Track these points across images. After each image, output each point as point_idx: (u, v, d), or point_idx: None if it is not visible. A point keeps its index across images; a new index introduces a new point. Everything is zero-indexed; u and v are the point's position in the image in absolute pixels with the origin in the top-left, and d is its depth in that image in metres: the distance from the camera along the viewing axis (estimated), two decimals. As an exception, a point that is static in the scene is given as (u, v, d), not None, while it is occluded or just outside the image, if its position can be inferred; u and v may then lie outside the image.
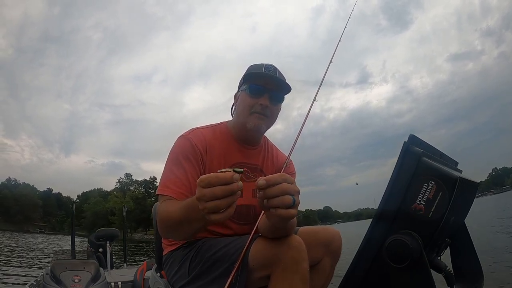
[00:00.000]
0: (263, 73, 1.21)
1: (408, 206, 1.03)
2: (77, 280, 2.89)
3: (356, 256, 1.11)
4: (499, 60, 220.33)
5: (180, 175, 1.12)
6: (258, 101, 1.21)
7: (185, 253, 1.19)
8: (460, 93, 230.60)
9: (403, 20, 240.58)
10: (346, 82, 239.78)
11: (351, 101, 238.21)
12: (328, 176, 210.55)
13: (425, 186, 1.02)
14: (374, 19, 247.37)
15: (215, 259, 1.10)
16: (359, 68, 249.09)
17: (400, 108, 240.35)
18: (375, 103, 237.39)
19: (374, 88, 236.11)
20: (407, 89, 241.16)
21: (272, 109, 1.23)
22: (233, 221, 1.25)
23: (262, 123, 1.23)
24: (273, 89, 1.22)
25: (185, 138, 1.21)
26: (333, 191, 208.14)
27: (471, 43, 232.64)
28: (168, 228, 1.02)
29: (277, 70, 1.24)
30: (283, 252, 0.98)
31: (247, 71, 1.27)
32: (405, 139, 1.08)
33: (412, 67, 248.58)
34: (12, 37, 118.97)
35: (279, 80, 1.22)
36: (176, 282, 1.19)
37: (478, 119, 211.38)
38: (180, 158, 1.16)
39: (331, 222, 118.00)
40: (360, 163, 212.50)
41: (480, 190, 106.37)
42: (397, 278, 1.02)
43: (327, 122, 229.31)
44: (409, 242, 0.98)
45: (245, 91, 1.24)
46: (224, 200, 0.73)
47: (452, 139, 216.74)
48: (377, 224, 1.09)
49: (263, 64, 1.25)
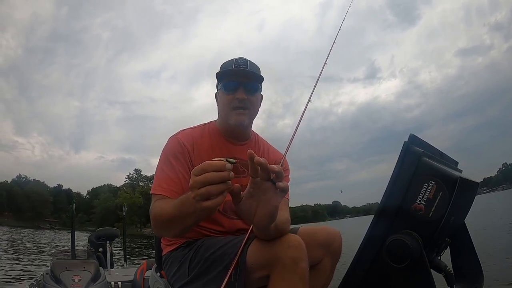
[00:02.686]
0: (233, 69, 1.24)
1: (408, 206, 1.03)
2: (77, 279, 2.88)
3: (356, 256, 1.11)
4: (508, 54, 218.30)
5: (170, 174, 1.15)
6: (234, 96, 1.23)
7: (184, 253, 1.19)
8: (469, 87, 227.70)
9: (411, 15, 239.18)
10: (354, 77, 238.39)
11: (359, 96, 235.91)
12: (337, 171, 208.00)
13: (425, 186, 1.01)
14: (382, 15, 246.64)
15: (214, 258, 1.10)
16: (367, 63, 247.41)
17: (409, 102, 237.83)
18: (383, 98, 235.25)
19: (383, 83, 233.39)
20: (416, 84, 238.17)
21: (250, 99, 1.25)
22: (225, 216, 1.26)
23: (244, 118, 1.25)
24: (246, 81, 1.24)
25: (173, 138, 1.25)
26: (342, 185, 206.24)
27: (479, 38, 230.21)
28: (162, 224, 1.03)
29: (247, 62, 1.26)
30: (282, 252, 0.98)
31: (220, 67, 1.29)
32: (405, 139, 1.08)
33: (420, 62, 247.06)
34: (21, 37, 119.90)
35: (249, 72, 1.24)
36: (176, 282, 1.19)
37: (487, 114, 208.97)
38: (170, 158, 1.19)
39: (340, 217, 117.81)
40: (370, 158, 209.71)
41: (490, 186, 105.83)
42: (397, 278, 1.02)
43: (336, 116, 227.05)
44: (409, 242, 0.98)
45: (221, 90, 1.27)
46: (216, 186, 0.74)
47: (462, 134, 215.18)
48: (377, 224, 1.08)
49: (233, 59, 1.27)
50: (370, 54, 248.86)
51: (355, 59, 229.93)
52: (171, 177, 1.15)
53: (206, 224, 1.23)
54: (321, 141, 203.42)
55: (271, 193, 0.83)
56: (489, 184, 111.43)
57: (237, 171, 1.27)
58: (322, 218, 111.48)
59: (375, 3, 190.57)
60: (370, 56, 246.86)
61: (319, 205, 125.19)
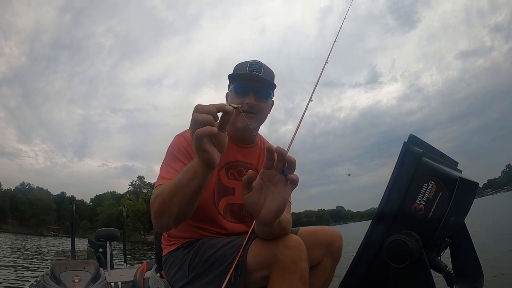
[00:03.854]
0: (246, 73, 1.21)
1: (408, 206, 1.03)
2: (77, 280, 2.88)
3: (356, 256, 1.11)
4: (509, 55, 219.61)
5: (177, 167, 1.11)
6: (244, 100, 1.21)
7: (184, 254, 1.19)
8: (471, 90, 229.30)
9: (411, 19, 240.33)
10: (355, 82, 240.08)
11: (361, 101, 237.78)
12: (340, 176, 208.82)
13: (425, 186, 1.01)
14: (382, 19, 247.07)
15: (214, 259, 1.10)
16: (368, 68, 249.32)
17: (411, 106, 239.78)
18: (385, 102, 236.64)
19: (384, 87, 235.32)
20: (417, 87, 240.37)
21: (260, 106, 1.23)
22: (227, 219, 1.25)
23: (251, 122, 1.22)
24: (258, 86, 1.22)
25: (180, 136, 1.23)
26: (346, 190, 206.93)
27: (480, 40, 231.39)
28: (162, 202, 0.93)
29: (262, 67, 1.23)
30: (282, 252, 0.98)
31: (233, 71, 1.27)
32: (405, 139, 1.08)
33: (421, 65, 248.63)
34: (25, 45, 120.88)
35: (262, 78, 1.22)
36: (176, 282, 1.19)
37: (490, 116, 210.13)
38: (176, 153, 1.17)
39: (344, 222, 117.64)
40: (372, 162, 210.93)
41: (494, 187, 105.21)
42: (397, 278, 1.02)
43: (338, 121, 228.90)
44: (409, 242, 0.98)
45: (232, 92, 1.25)
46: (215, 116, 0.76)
47: (464, 136, 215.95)
48: (377, 224, 1.09)
49: (247, 62, 1.24)
50: (371, 58, 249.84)
51: (356, 64, 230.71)
52: (176, 169, 1.11)
53: (207, 226, 1.23)
54: (324, 146, 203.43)
55: (281, 186, 0.83)
56: (493, 185, 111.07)
57: (240, 174, 1.27)
58: (326, 223, 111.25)
59: (375, 8, 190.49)
60: (371, 60, 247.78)
61: (323, 210, 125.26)
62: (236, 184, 1.26)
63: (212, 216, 1.23)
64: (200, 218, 1.21)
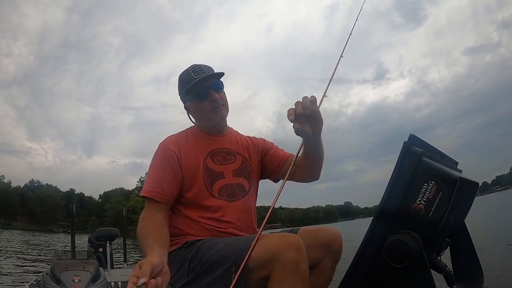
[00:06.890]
0: (199, 80, 1.32)
1: (408, 206, 1.03)
2: (77, 280, 2.88)
3: (356, 256, 1.11)
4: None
5: (160, 176, 1.27)
6: (209, 100, 1.34)
7: (184, 254, 1.19)
8: (479, 85, 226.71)
9: (418, 16, 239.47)
10: (363, 79, 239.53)
11: (369, 97, 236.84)
12: (348, 172, 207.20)
13: (425, 186, 1.01)
14: (388, 16, 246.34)
15: (214, 260, 1.10)
16: (375, 64, 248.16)
17: (418, 102, 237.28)
18: (392, 98, 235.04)
19: (391, 83, 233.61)
20: (425, 83, 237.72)
21: (221, 96, 1.37)
22: (223, 200, 1.28)
23: (223, 113, 1.39)
24: (212, 83, 1.34)
25: (160, 145, 1.35)
26: (353, 186, 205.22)
27: (488, 35, 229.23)
28: (139, 240, 1.15)
29: (202, 68, 1.35)
30: (282, 253, 0.98)
31: (182, 83, 1.38)
32: (405, 139, 1.08)
33: (429, 61, 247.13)
34: (33, 46, 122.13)
35: (210, 75, 1.34)
36: (176, 282, 1.19)
37: (498, 112, 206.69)
38: (157, 163, 1.30)
39: (351, 218, 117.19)
40: (380, 158, 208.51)
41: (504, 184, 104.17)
42: (397, 278, 1.02)
43: (345, 117, 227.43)
44: (409, 242, 0.98)
45: (194, 101, 1.37)
46: None
47: (472, 132, 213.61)
48: (377, 224, 1.08)
49: (188, 71, 1.36)
50: (379, 55, 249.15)
51: (364, 61, 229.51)
52: (160, 179, 1.26)
53: (207, 213, 1.25)
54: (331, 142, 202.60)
55: None
56: (502, 182, 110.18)
57: (224, 159, 1.37)
58: (334, 219, 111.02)
59: (382, 5, 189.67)
60: (379, 57, 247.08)
61: (330, 206, 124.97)
62: (223, 168, 1.36)
63: (209, 202, 1.27)
64: (198, 207, 1.28)
